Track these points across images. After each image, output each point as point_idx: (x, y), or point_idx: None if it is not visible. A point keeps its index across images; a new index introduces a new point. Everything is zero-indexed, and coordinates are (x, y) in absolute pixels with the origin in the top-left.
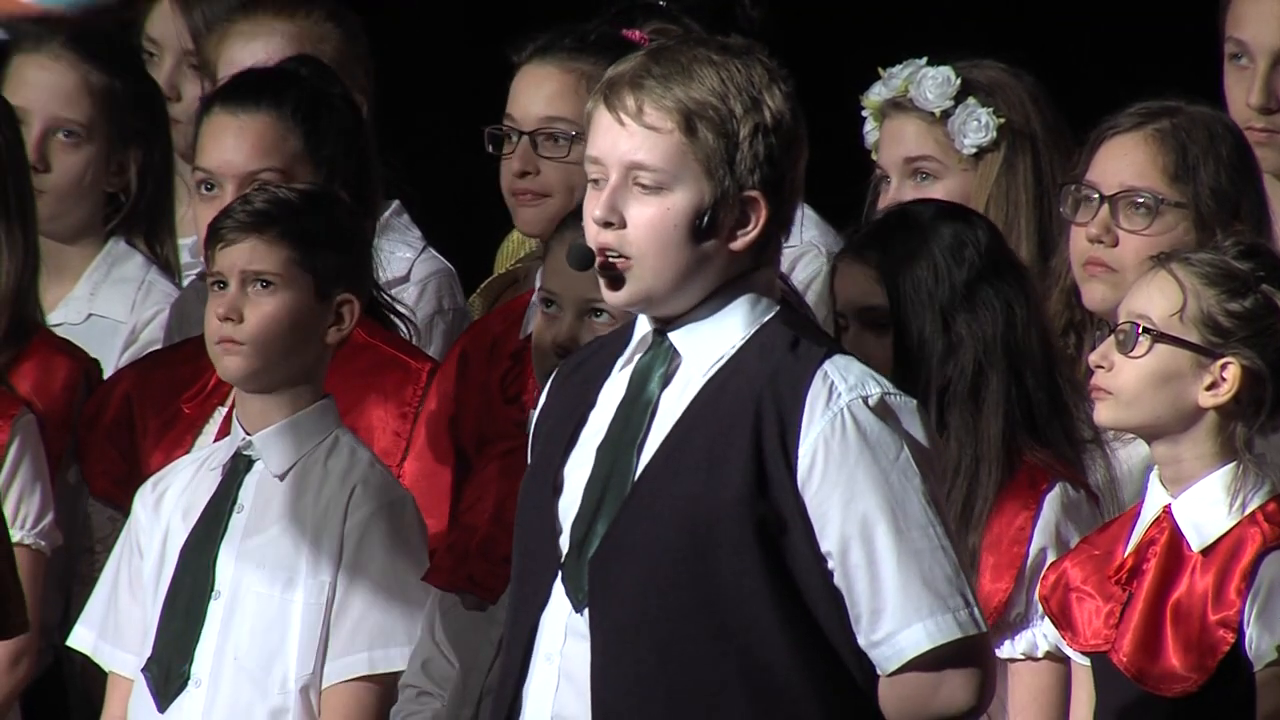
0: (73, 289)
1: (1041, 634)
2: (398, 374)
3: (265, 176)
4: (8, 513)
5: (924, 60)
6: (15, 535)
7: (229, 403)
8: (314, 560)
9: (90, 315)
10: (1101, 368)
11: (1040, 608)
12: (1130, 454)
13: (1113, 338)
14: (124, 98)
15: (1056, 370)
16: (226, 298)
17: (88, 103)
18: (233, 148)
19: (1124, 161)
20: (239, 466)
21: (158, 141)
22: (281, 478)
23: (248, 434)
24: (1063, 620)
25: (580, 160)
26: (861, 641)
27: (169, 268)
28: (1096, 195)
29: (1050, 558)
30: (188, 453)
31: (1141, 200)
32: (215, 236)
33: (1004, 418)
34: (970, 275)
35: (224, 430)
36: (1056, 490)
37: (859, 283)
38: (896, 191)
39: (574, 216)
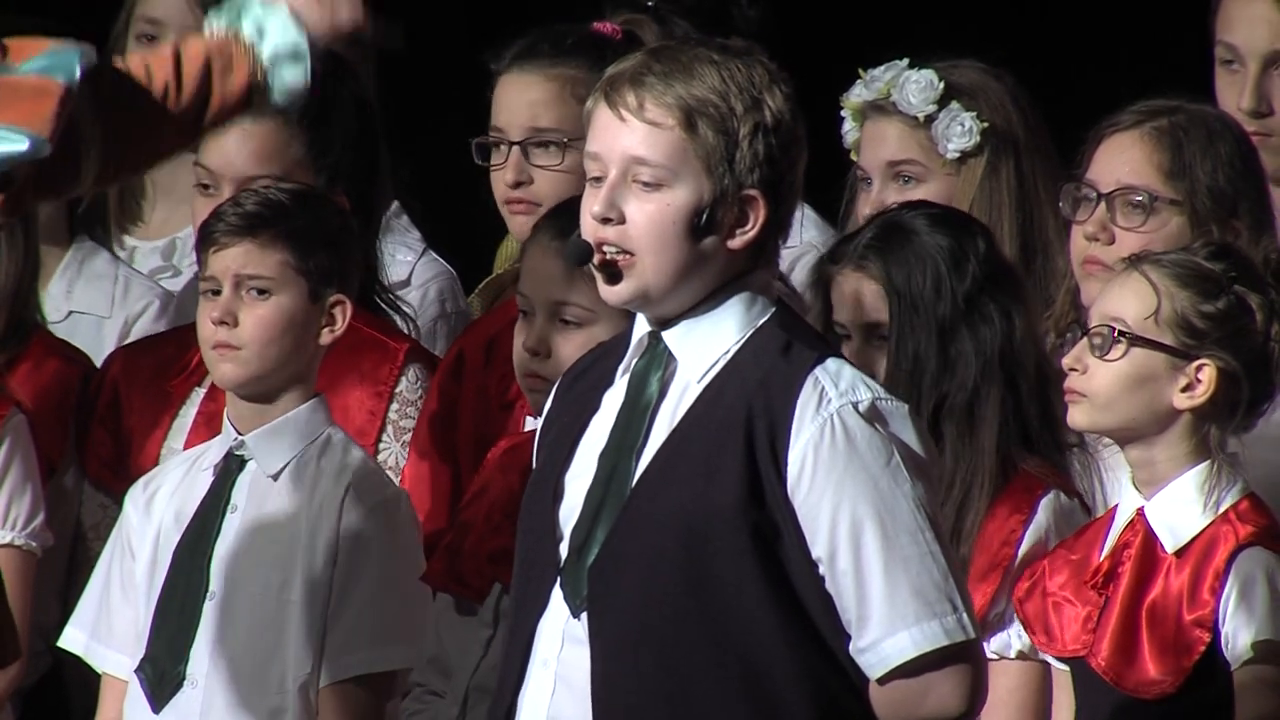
0: (46, 287)
1: (1015, 634)
2: (375, 354)
3: (263, 182)
4: None
5: (905, 62)
6: (6, 536)
7: (206, 384)
8: (309, 560)
9: (71, 313)
10: (1075, 370)
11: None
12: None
13: (1086, 340)
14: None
15: (1046, 375)
16: (220, 302)
17: None
18: (234, 150)
19: (1121, 159)
20: (231, 466)
21: None
22: (275, 477)
23: (240, 434)
24: (1039, 626)
25: (572, 169)
26: (850, 647)
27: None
28: (1094, 193)
29: (1040, 555)
30: (166, 433)
31: (1138, 199)
32: (207, 240)
33: (999, 431)
34: (971, 288)
35: (203, 412)
36: (1050, 497)
37: (865, 297)
38: (879, 194)
39: (548, 219)
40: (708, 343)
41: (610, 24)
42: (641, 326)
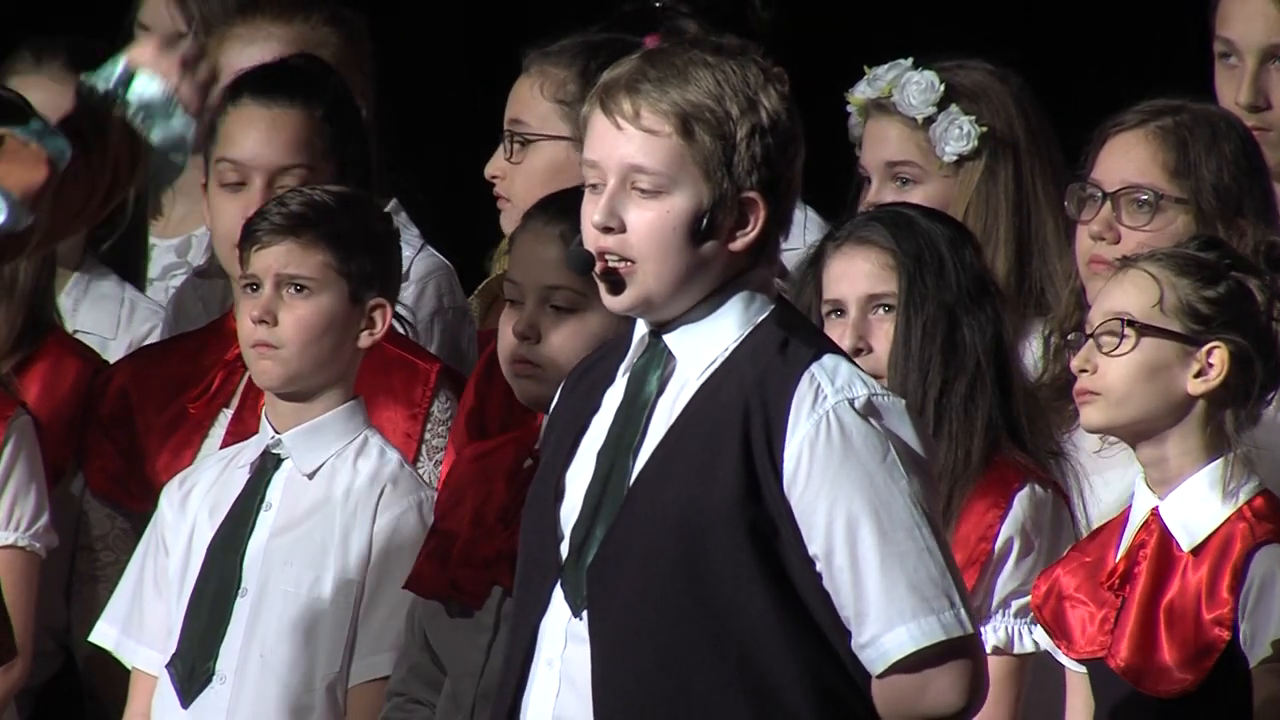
0: None
1: (991, 630)
2: (405, 374)
3: (295, 173)
4: (1, 514)
5: (909, 62)
6: (10, 537)
7: (233, 405)
8: (342, 559)
9: (75, 331)
10: (1085, 371)
11: (995, 601)
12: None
13: (1091, 341)
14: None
15: (1026, 383)
16: (261, 301)
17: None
18: (265, 140)
19: (1126, 158)
20: (268, 465)
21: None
22: (310, 477)
23: (277, 433)
24: (1057, 629)
25: (531, 165)
26: (851, 643)
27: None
28: (1099, 193)
29: (1015, 547)
30: (195, 454)
31: (1144, 198)
32: (250, 238)
33: (989, 425)
34: (969, 279)
35: (230, 432)
36: (1025, 491)
37: (869, 269)
38: (876, 193)
39: (539, 207)
40: (707, 341)
41: (655, 37)
42: (642, 325)
